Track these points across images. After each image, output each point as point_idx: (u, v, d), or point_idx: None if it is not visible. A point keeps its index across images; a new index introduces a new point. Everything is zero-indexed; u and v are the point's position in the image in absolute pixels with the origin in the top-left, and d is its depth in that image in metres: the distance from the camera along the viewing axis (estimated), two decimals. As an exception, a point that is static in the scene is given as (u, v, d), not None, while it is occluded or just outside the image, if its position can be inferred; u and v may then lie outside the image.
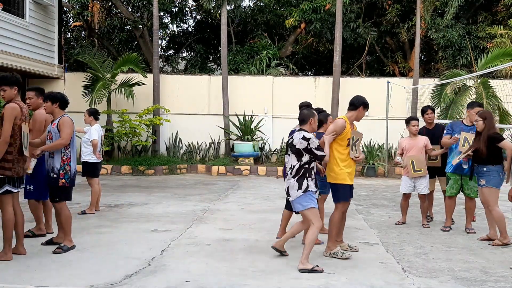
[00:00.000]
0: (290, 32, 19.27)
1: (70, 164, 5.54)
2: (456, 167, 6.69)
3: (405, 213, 7.45)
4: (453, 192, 6.83)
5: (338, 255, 5.42)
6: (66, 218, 5.57)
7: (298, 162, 5.07)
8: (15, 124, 5.08)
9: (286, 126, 14.92)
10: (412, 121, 7.28)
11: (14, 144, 5.11)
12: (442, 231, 6.87)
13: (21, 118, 5.15)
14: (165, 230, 6.74)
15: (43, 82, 15.24)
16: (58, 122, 5.55)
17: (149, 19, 18.11)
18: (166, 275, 4.78)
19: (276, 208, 8.63)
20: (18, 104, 5.16)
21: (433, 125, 7.68)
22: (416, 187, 7.20)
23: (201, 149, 15.77)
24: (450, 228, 6.94)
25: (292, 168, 5.10)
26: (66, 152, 5.53)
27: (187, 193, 10.32)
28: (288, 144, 5.28)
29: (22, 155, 5.20)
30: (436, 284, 4.63)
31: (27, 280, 4.55)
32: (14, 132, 5.08)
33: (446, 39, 16.41)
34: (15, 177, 5.14)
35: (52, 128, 5.58)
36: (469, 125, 6.78)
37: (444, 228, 6.94)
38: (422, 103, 14.83)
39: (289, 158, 5.19)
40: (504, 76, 16.04)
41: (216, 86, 15.70)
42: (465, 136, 6.57)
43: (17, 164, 5.16)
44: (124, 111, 14.60)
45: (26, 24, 13.64)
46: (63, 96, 5.75)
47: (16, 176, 5.15)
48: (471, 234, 6.71)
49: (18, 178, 5.22)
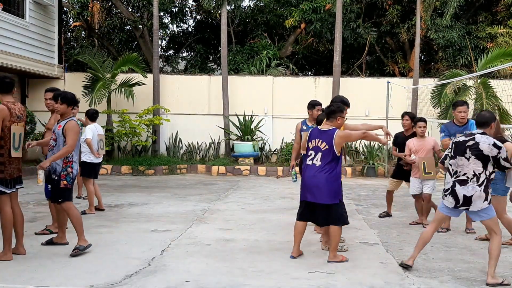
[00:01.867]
0: (290, 32, 19.27)
1: (72, 166, 5.52)
2: None
3: (421, 213, 7.40)
4: None
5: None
6: (75, 218, 5.50)
7: (484, 170, 4.65)
8: (4, 126, 5.03)
9: (286, 126, 14.97)
10: (419, 123, 7.22)
11: (5, 146, 5.05)
12: (438, 232, 6.76)
13: (11, 119, 5.08)
14: (165, 230, 6.74)
15: (43, 82, 15.24)
16: (64, 125, 5.45)
17: (149, 19, 18.11)
18: (166, 275, 4.78)
19: (276, 208, 8.64)
20: (6, 105, 5.08)
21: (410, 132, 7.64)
22: (423, 186, 7.19)
23: (201, 149, 15.77)
24: (447, 230, 6.89)
25: (478, 176, 4.65)
26: (69, 155, 5.47)
27: (187, 193, 10.32)
28: (468, 146, 4.73)
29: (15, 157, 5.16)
30: (436, 284, 4.63)
31: (27, 280, 4.55)
32: (4, 134, 5.03)
33: (446, 39, 16.41)
34: (7, 179, 5.11)
35: (58, 130, 5.49)
36: (460, 126, 6.73)
37: (440, 230, 6.77)
38: (422, 103, 14.86)
39: (467, 162, 4.71)
40: (504, 76, 16.03)
41: (216, 86, 15.70)
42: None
43: (10, 166, 5.11)
44: (124, 111, 14.60)
45: (26, 24, 13.64)
46: (73, 96, 5.67)
47: (9, 178, 5.11)
48: (471, 234, 6.70)
49: (13, 179, 5.18)
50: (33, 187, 8.99)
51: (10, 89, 5.25)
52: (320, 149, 5.25)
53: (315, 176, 5.23)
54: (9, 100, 5.20)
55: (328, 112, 5.39)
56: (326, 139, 5.24)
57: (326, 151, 5.23)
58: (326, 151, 5.23)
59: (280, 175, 13.87)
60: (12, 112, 5.11)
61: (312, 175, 5.26)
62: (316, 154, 5.28)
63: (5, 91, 5.23)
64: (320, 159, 5.24)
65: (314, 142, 5.33)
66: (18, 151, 5.19)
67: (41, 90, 15.07)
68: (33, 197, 9.09)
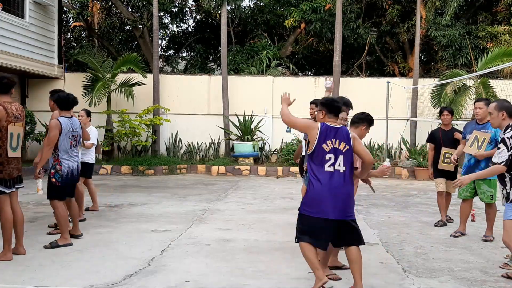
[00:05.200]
0: (290, 32, 19.26)
1: (61, 164, 5.77)
2: (466, 169, 6.27)
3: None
4: (466, 195, 6.39)
5: None
6: (61, 217, 5.75)
7: None
8: (1, 126, 5.02)
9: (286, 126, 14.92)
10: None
11: (2, 146, 5.05)
12: (452, 236, 6.50)
13: (7, 119, 5.07)
14: (165, 230, 6.73)
15: (43, 82, 15.25)
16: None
17: (149, 19, 18.10)
18: (166, 275, 4.78)
19: (276, 208, 8.64)
20: (3, 106, 5.07)
21: (449, 127, 7.42)
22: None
23: (201, 149, 15.77)
24: (462, 234, 6.52)
25: None
26: (55, 153, 5.78)
27: (187, 193, 10.31)
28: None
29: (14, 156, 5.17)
30: (436, 284, 4.63)
31: (27, 280, 4.55)
32: (1, 134, 5.03)
33: (447, 38, 16.39)
34: (6, 179, 5.10)
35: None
36: (481, 123, 6.30)
37: (454, 234, 6.53)
38: (422, 103, 14.86)
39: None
40: (504, 76, 16.04)
41: (216, 86, 15.69)
42: (476, 135, 6.12)
43: (9, 166, 5.10)
44: (124, 111, 14.60)
45: (26, 24, 13.64)
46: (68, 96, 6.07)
47: (8, 178, 5.11)
48: (487, 241, 6.23)
49: (12, 179, 5.18)
50: (33, 187, 8.98)
51: (7, 89, 5.23)
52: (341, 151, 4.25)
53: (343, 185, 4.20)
54: (6, 100, 5.18)
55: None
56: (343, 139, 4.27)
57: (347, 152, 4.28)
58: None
59: (280, 175, 13.87)
60: (9, 112, 5.09)
61: (339, 185, 4.19)
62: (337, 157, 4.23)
63: (2, 92, 5.22)
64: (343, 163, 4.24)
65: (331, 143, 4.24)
66: (16, 151, 5.17)
67: (41, 90, 15.14)
68: (33, 197, 9.08)
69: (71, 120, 5.93)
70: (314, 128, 4.26)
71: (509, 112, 4.74)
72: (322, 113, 4.40)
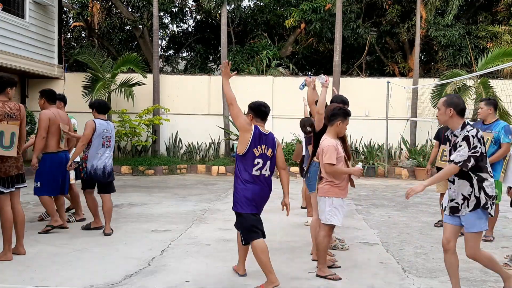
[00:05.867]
0: (290, 32, 19.26)
1: (86, 161, 6.46)
2: None
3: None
4: None
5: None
6: (89, 205, 6.65)
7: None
8: None
9: (286, 126, 14.96)
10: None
11: None
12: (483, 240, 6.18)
13: None
14: (165, 230, 6.74)
15: (43, 82, 15.22)
16: None
17: (149, 19, 18.10)
18: (166, 275, 4.78)
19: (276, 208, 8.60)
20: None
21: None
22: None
23: (201, 149, 15.77)
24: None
25: None
26: (85, 151, 6.50)
27: (187, 193, 10.31)
28: None
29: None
30: (436, 284, 4.63)
31: (27, 280, 4.55)
32: None
33: (447, 38, 16.39)
34: (4, 178, 5.09)
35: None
36: (486, 124, 6.28)
37: (486, 237, 6.20)
38: (422, 103, 14.86)
39: None
40: (504, 76, 16.03)
41: (216, 86, 15.69)
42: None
43: (4, 164, 5.09)
44: (124, 111, 14.60)
45: (26, 24, 13.63)
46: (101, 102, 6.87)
47: (4, 176, 5.10)
48: (487, 241, 6.19)
49: (11, 177, 5.16)
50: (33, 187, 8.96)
51: (2, 88, 5.20)
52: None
53: None
54: (1, 99, 5.16)
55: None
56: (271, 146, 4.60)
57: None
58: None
59: (280, 175, 13.85)
60: (1, 111, 5.07)
61: (263, 188, 4.90)
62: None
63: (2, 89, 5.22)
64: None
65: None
66: (10, 150, 5.09)
67: (41, 90, 15.13)
68: (33, 197, 9.03)
69: (107, 122, 6.63)
70: (249, 132, 4.43)
71: (458, 110, 4.17)
72: (250, 116, 4.56)
